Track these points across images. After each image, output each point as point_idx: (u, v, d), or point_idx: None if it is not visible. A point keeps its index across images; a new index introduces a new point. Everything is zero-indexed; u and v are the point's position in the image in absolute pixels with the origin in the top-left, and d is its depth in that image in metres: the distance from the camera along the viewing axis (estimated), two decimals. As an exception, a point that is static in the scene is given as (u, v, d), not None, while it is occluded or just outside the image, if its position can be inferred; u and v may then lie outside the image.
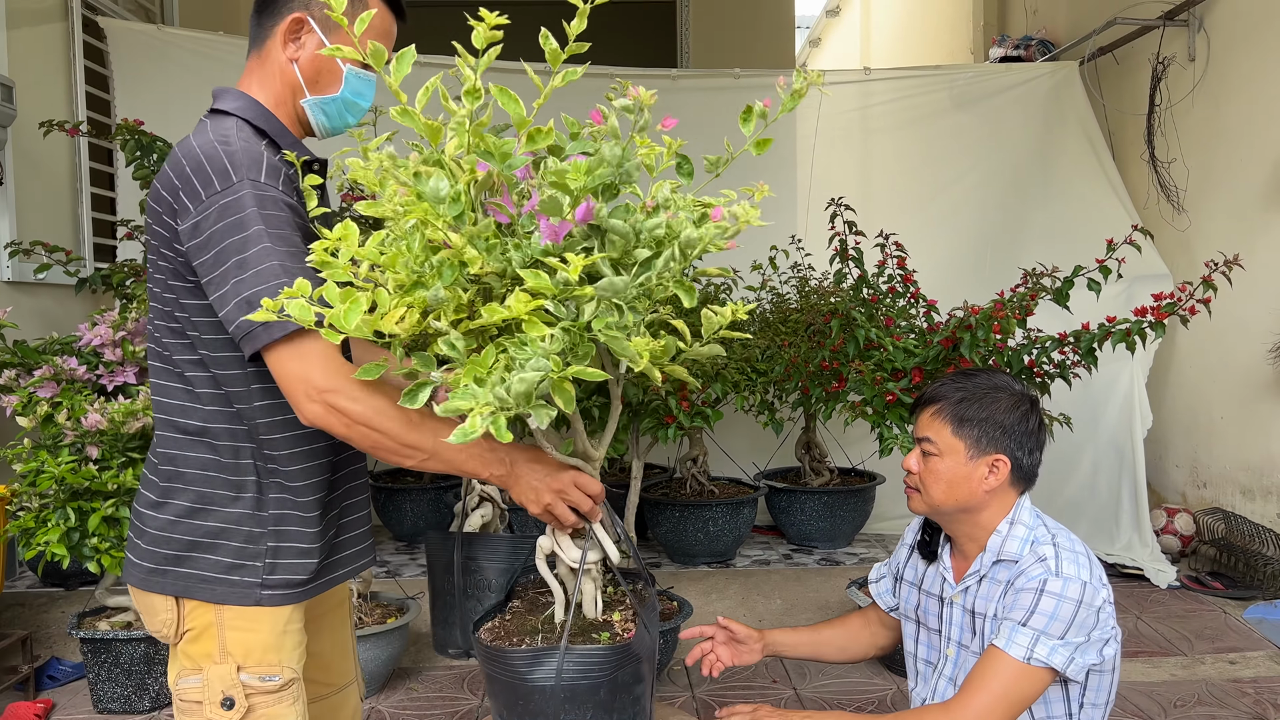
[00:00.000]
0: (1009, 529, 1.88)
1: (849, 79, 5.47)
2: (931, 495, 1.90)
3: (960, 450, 1.86)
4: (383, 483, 4.72)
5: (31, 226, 4.48)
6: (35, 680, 3.25)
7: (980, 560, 1.90)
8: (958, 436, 1.86)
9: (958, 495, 1.87)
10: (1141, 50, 5.00)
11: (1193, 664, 3.39)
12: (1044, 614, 1.74)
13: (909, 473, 1.94)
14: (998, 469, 1.86)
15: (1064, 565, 1.78)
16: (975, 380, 1.92)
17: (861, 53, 10.88)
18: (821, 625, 2.25)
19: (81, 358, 3.82)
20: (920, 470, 1.91)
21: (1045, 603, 1.75)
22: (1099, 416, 4.48)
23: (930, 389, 1.95)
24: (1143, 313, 3.20)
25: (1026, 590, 1.77)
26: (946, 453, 1.87)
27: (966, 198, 5.32)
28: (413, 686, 3.31)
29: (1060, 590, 1.75)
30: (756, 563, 4.29)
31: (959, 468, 1.86)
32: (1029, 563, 1.82)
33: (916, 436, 1.94)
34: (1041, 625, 1.74)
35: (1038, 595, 1.75)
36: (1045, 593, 1.75)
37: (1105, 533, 4.44)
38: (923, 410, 1.94)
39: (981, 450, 1.86)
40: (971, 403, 1.88)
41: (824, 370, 3.62)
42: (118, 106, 5.01)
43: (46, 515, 2.97)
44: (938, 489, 1.88)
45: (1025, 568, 1.81)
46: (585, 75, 1.78)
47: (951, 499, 1.88)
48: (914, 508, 1.96)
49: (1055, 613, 1.74)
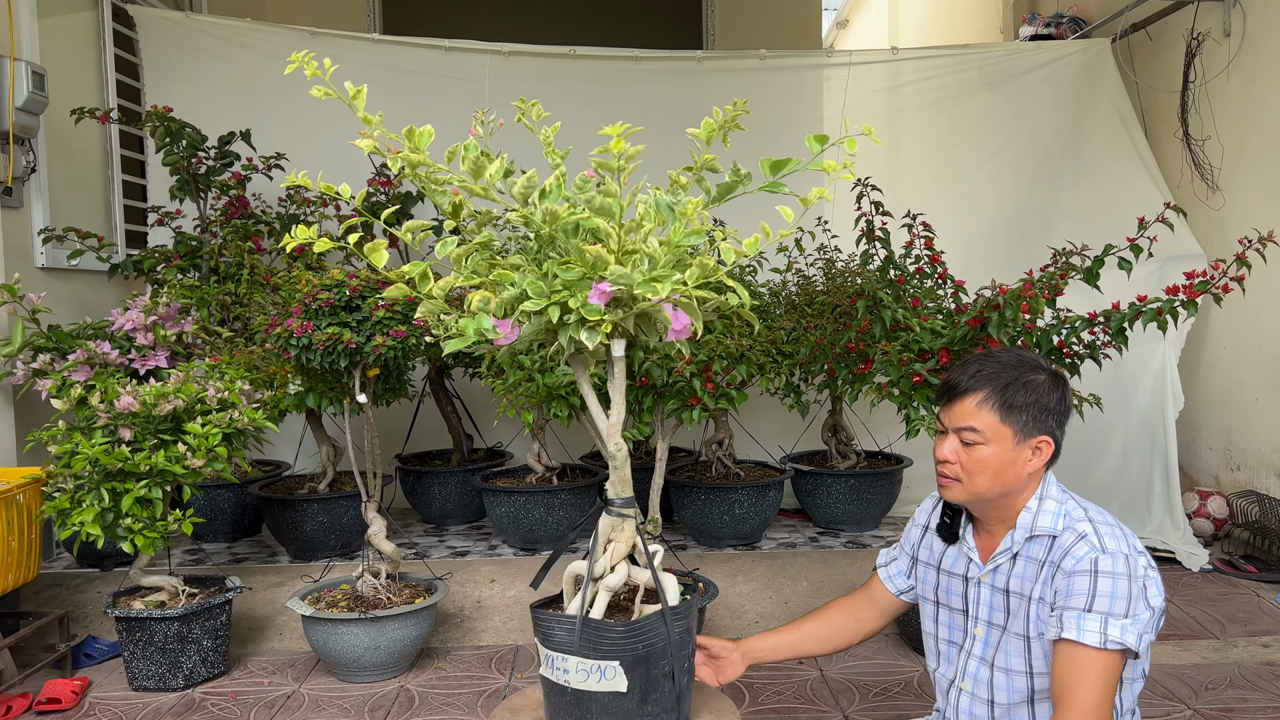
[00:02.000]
0: (1039, 504, 1.86)
1: (877, 59, 5.41)
2: (976, 483, 1.85)
3: (1008, 437, 1.83)
4: (410, 465, 4.75)
5: (64, 213, 4.54)
6: (72, 658, 3.31)
7: (1011, 538, 1.88)
8: (1006, 424, 1.83)
9: (1004, 481, 1.84)
10: (1175, 26, 4.91)
11: (1225, 647, 3.35)
12: (1105, 595, 1.72)
13: (945, 463, 1.88)
14: (1041, 450, 1.84)
15: (1106, 540, 1.77)
16: (1004, 360, 1.88)
17: (890, 33, 10.77)
18: (801, 621, 2.21)
19: (114, 342, 3.88)
20: (962, 459, 1.86)
21: (1103, 584, 1.73)
22: (1130, 398, 4.42)
23: (959, 376, 1.89)
24: (1175, 291, 3.16)
25: (1080, 574, 1.75)
26: (994, 440, 1.83)
27: (996, 178, 5.27)
28: (441, 666, 3.34)
29: (1112, 568, 1.73)
30: (783, 545, 4.29)
31: (1006, 454, 1.83)
32: (1070, 541, 1.79)
33: (956, 426, 1.87)
34: (1106, 607, 1.72)
35: (1093, 577, 1.73)
36: (1099, 573, 1.73)
37: (1136, 515, 4.39)
38: (961, 399, 1.87)
39: (1028, 434, 1.83)
40: (1016, 389, 1.84)
41: (850, 352, 3.60)
42: (147, 93, 5.07)
43: (81, 496, 3.02)
44: (983, 477, 1.84)
45: (1068, 547, 1.78)
46: (610, 58, 1.83)
47: (998, 485, 1.85)
48: (952, 497, 1.91)
49: (1114, 592, 1.72)
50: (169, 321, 3.98)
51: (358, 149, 2.15)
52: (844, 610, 2.21)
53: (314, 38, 5.12)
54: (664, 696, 2.04)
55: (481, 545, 4.36)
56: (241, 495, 4.43)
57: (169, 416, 3.11)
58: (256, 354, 3.60)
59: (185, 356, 3.96)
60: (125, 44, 5.17)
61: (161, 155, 4.40)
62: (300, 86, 5.74)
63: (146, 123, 4.39)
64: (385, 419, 4.68)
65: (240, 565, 4.10)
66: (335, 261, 4.52)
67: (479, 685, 3.17)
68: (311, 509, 4.04)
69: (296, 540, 4.10)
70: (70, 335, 3.89)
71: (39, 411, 4.02)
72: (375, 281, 3.23)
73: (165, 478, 3.05)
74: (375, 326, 3.14)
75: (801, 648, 2.18)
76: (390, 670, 3.22)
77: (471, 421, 5.05)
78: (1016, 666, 1.87)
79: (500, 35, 5.29)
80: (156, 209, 4.65)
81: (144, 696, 3.12)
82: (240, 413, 3.14)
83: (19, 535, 3.11)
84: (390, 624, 3.14)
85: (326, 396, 3.51)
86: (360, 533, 3.96)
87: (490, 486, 4.25)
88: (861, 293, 3.58)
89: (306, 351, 3.12)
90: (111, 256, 4.40)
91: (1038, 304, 3.09)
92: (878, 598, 2.19)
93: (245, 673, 3.31)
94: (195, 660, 3.17)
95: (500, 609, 3.68)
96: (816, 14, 7.99)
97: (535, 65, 5.19)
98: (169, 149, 4.35)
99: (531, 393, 3.30)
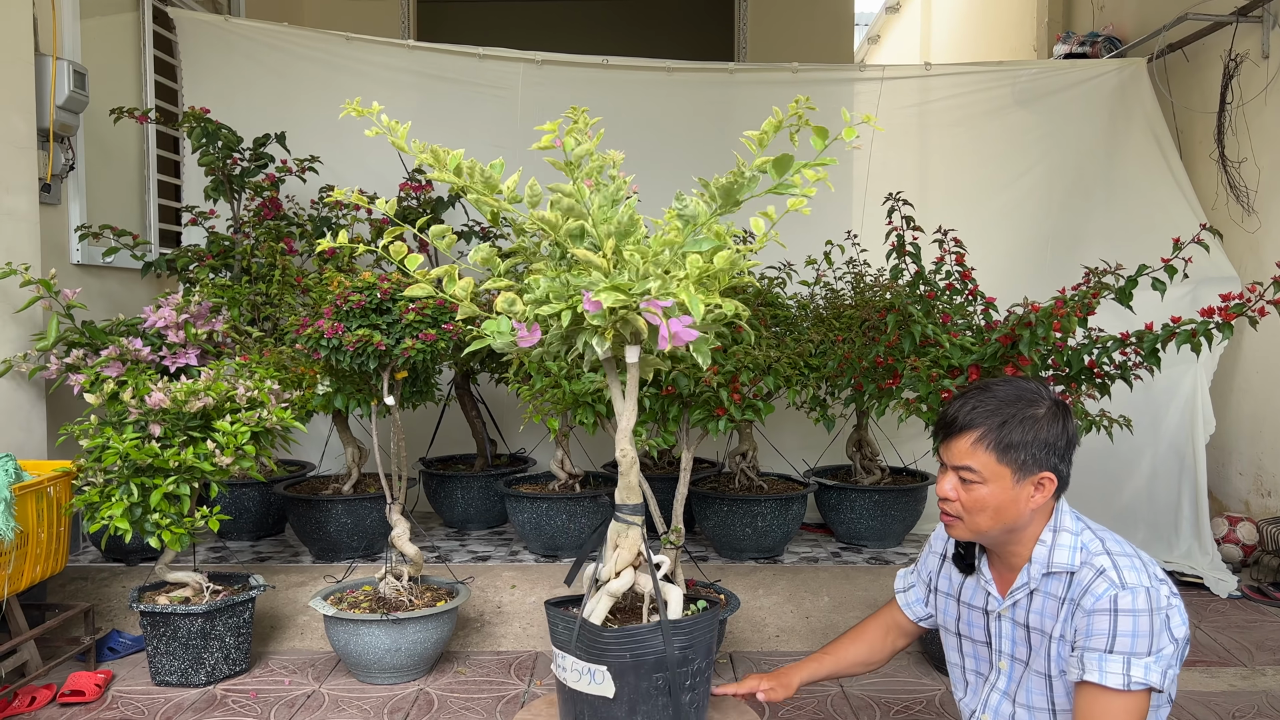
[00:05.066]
0: (1053, 537, 1.81)
1: (909, 74, 5.40)
2: (977, 523, 1.80)
3: (1006, 476, 1.77)
4: (434, 469, 4.77)
5: (101, 211, 4.60)
6: (96, 651, 3.34)
7: (1027, 572, 1.83)
8: (1003, 463, 1.76)
9: (1006, 519, 1.79)
10: (1213, 47, 4.87)
11: (1253, 675, 3.30)
12: (1126, 634, 1.67)
13: (946, 500, 1.83)
14: (1044, 486, 1.78)
15: (1125, 574, 1.71)
16: (1001, 395, 1.81)
17: (921, 50, 10.75)
18: (842, 643, 2.19)
19: (146, 339, 3.92)
20: (961, 498, 1.81)
21: (1123, 623, 1.67)
22: (1159, 420, 4.38)
23: (956, 412, 1.82)
24: (1209, 313, 3.12)
25: (1099, 613, 1.70)
26: (991, 480, 1.77)
27: (1027, 195, 5.24)
28: (460, 670, 3.34)
29: (1132, 605, 1.68)
30: (805, 560, 4.27)
31: (1005, 493, 1.77)
32: (1088, 577, 1.74)
33: (953, 464, 1.81)
34: (1128, 647, 1.67)
35: (1113, 616, 1.68)
36: (1119, 612, 1.68)
37: (1164, 540, 4.34)
38: (957, 438, 1.80)
39: (1028, 472, 1.77)
40: (1013, 426, 1.76)
41: (878, 366, 3.58)
42: (185, 95, 5.13)
43: (110, 490, 3.04)
44: (983, 517, 1.79)
45: (1087, 584, 1.73)
46: (643, 68, 1.87)
47: (999, 523, 1.80)
48: (956, 535, 1.86)
49: (1135, 630, 1.67)
50: (200, 320, 4.02)
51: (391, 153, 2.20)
52: (877, 630, 2.19)
53: (349, 43, 5.17)
54: (656, 711, 2.02)
55: (503, 551, 4.36)
56: (266, 494, 4.46)
57: (198, 414, 3.14)
58: (286, 354, 3.63)
59: (215, 355, 4.00)
60: (164, 45, 5.24)
61: (197, 156, 4.45)
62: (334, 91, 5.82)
63: (183, 123, 4.45)
64: (410, 422, 4.70)
65: (263, 564, 4.12)
66: (366, 264, 4.55)
67: (498, 691, 3.17)
68: (335, 510, 4.06)
69: (320, 540, 4.12)
70: (103, 331, 3.93)
71: (71, 406, 4.07)
72: (406, 285, 3.25)
73: (193, 474, 3.07)
74: (405, 329, 3.16)
75: (844, 672, 2.16)
76: (410, 673, 3.23)
77: (495, 427, 5.06)
78: (1039, 704, 1.84)
79: (534, 45, 5.32)
80: (190, 209, 4.70)
81: (166, 691, 3.14)
82: (269, 412, 3.17)
83: (48, 527, 3.14)
84: (411, 626, 3.15)
85: (354, 398, 3.53)
86: (383, 535, 3.97)
87: (513, 492, 4.25)
88: (891, 307, 3.56)
89: (336, 353, 3.14)
90: (145, 255, 4.45)
91: (1070, 322, 3.07)
92: (900, 622, 2.17)
93: (266, 671, 3.33)
94: (217, 657, 3.19)
95: (521, 615, 3.68)
96: (849, 29, 7.99)
97: (568, 74, 5.22)
98: (205, 150, 4.40)
99: (558, 399, 3.30)
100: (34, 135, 3.84)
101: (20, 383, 3.75)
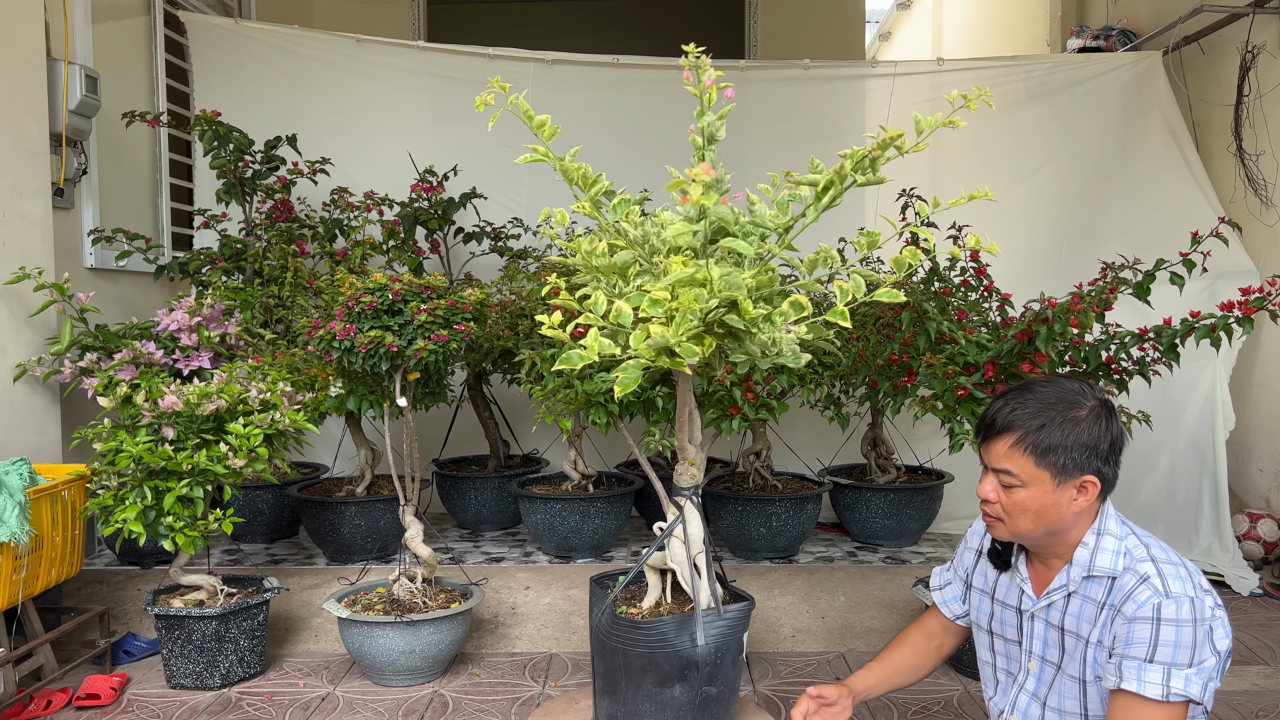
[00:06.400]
0: (1096, 540, 1.77)
1: (921, 70, 5.37)
2: (1018, 525, 1.77)
3: (1046, 479, 1.73)
4: (447, 471, 4.76)
5: (113, 215, 4.61)
6: (112, 655, 3.34)
7: (1067, 574, 1.79)
8: (1042, 467, 1.73)
9: (1046, 522, 1.76)
10: (1229, 39, 4.82)
11: (1275, 673, 3.26)
12: (1168, 644, 1.63)
13: (987, 502, 1.81)
14: (1087, 490, 1.74)
15: (1170, 583, 1.67)
16: (1043, 397, 1.77)
17: (933, 47, 10.69)
18: (890, 652, 2.15)
19: (159, 342, 3.92)
20: (1002, 500, 1.78)
21: (1165, 632, 1.63)
22: (1178, 417, 4.33)
23: (995, 413, 1.79)
24: (1229, 307, 3.08)
25: (1141, 621, 1.66)
26: (1031, 483, 1.74)
27: (1042, 191, 5.19)
28: (475, 672, 3.33)
29: (1175, 615, 1.64)
30: (820, 559, 4.24)
31: (1046, 497, 1.74)
32: (1131, 583, 1.70)
33: (992, 466, 1.79)
34: (1169, 657, 1.63)
35: (1155, 625, 1.64)
36: (1162, 621, 1.64)
37: (1184, 537, 4.29)
38: (996, 440, 1.78)
39: (1069, 475, 1.73)
40: (1052, 428, 1.73)
41: (893, 364, 3.55)
42: (196, 98, 5.14)
43: (124, 494, 3.04)
44: (1024, 520, 1.76)
45: (1130, 590, 1.69)
46: (653, 66, 1.88)
47: (1040, 526, 1.76)
48: (998, 535, 1.83)
49: (1178, 640, 1.63)
50: (213, 323, 4.02)
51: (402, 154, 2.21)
52: (923, 635, 2.15)
53: (360, 44, 5.17)
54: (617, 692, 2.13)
55: (516, 552, 4.35)
56: (280, 496, 4.46)
57: (212, 416, 3.14)
58: (298, 356, 3.63)
59: (228, 358, 4.00)
60: (175, 49, 5.25)
61: (209, 159, 4.46)
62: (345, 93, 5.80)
63: (195, 126, 4.45)
64: (422, 423, 4.70)
65: (277, 566, 4.12)
66: (378, 265, 4.55)
67: (513, 692, 3.16)
68: (349, 511, 4.06)
69: (333, 542, 4.12)
70: (117, 335, 3.94)
71: (85, 409, 4.08)
72: (418, 286, 3.24)
73: (207, 477, 3.07)
74: (417, 330, 3.15)
75: (898, 682, 2.12)
76: (425, 675, 3.22)
77: (508, 427, 5.05)
78: (1070, 709, 1.80)
79: (544, 45, 5.31)
80: (202, 212, 4.71)
81: (181, 694, 3.14)
82: (282, 414, 3.16)
83: (63, 531, 3.15)
84: (426, 628, 3.14)
85: (367, 400, 3.52)
86: (397, 536, 3.97)
87: (526, 493, 4.24)
88: (906, 304, 3.53)
89: (349, 354, 3.14)
90: (158, 258, 4.46)
91: (1087, 318, 3.03)
92: (943, 621, 2.14)
93: (281, 673, 3.33)
94: (232, 660, 3.19)
95: (535, 616, 3.67)
96: (859, 25, 7.96)
97: (578, 74, 5.20)
98: (216, 152, 4.40)
99: (570, 399, 3.29)
100: (47, 140, 3.85)
101: (35, 387, 3.76)
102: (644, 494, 4.56)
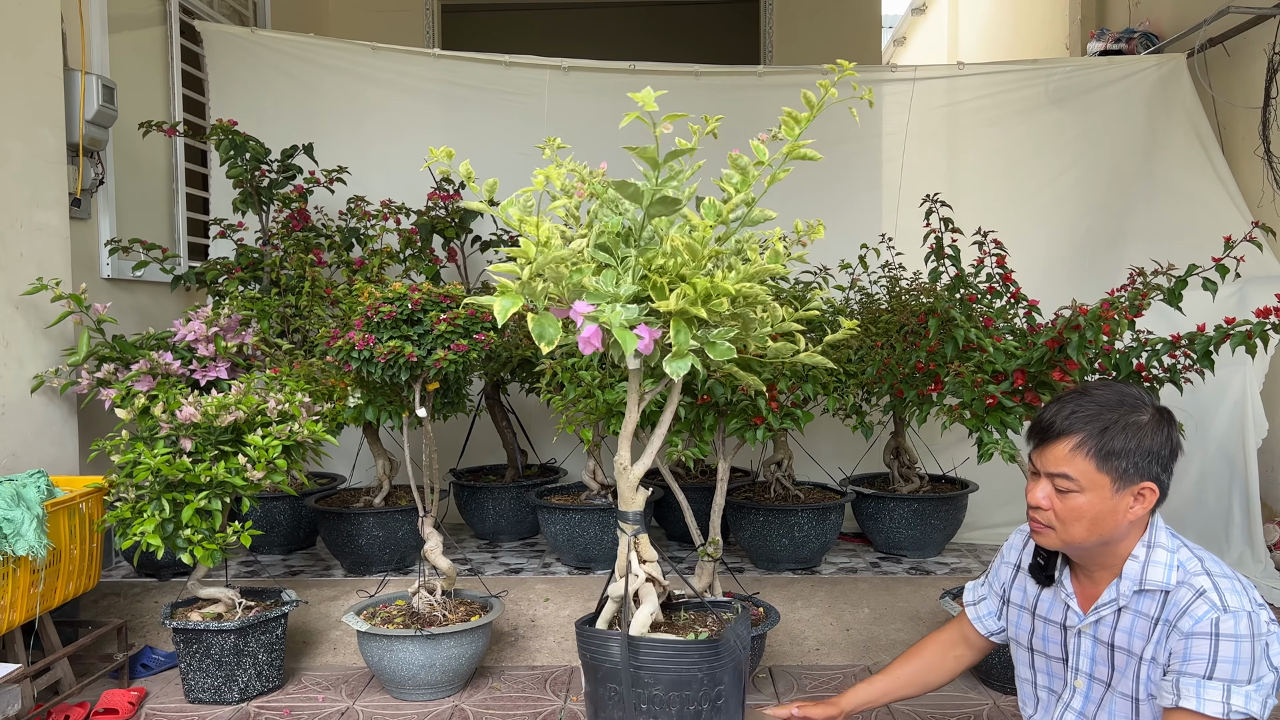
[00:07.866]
0: (1147, 553, 1.72)
1: (940, 74, 5.32)
2: (1071, 533, 1.72)
3: (1105, 485, 1.68)
4: (465, 481, 4.72)
5: (130, 225, 4.60)
6: (129, 668, 3.31)
7: (1116, 588, 1.74)
8: (1103, 471, 1.68)
9: (1102, 530, 1.71)
10: (1255, 41, 4.75)
11: (1315, 688, 3.18)
12: (1227, 661, 1.59)
13: (1038, 509, 1.75)
14: (1144, 497, 1.70)
15: (1227, 597, 1.62)
16: (1101, 400, 1.72)
17: (949, 51, 10.64)
18: (897, 665, 2.10)
19: (176, 353, 3.90)
20: (1055, 506, 1.73)
21: (1225, 648, 1.59)
22: (1208, 424, 4.25)
23: (1053, 416, 1.74)
24: (1265, 313, 3.02)
25: (1199, 636, 1.61)
26: (1089, 489, 1.69)
27: (1064, 196, 5.13)
28: (495, 685, 3.28)
29: (1234, 630, 1.59)
30: (843, 570, 4.18)
31: (1103, 503, 1.69)
32: (1186, 598, 1.65)
33: (1049, 471, 1.73)
34: (1229, 674, 1.59)
35: (1214, 641, 1.60)
36: (1221, 636, 1.60)
37: (1214, 547, 4.21)
38: (1054, 443, 1.73)
39: (1129, 481, 1.68)
40: (1115, 432, 1.68)
41: (919, 372, 3.50)
42: (212, 108, 5.13)
43: (142, 506, 3.02)
44: (1079, 527, 1.71)
45: (1185, 605, 1.65)
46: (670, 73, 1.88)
47: (1095, 534, 1.71)
48: (1046, 544, 1.78)
49: (1237, 656, 1.59)
50: (230, 333, 3.99)
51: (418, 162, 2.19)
52: (938, 648, 2.10)
53: (375, 53, 5.15)
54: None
55: (535, 563, 4.31)
56: (297, 507, 4.43)
57: (229, 428, 3.11)
58: (316, 366, 3.60)
59: (245, 368, 3.97)
60: (191, 59, 5.24)
61: (225, 168, 4.44)
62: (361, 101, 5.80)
63: (211, 136, 4.44)
64: (440, 433, 4.66)
65: (295, 578, 4.09)
66: (395, 275, 4.52)
67: (534, 707, 3.11)
68: (367, 523, 4.02)
69: (351, 554, 4.08)
70: (134, 345, 3.92)
71: (102, 421, 4.06)
72: (437, 295, 3.20)
73: (225, 489, 3.04)
74: (436, 340, 3.12)
75: (900, 694, 2.08)
76: (445, 689, 3.17)
77: (526, 437, 5.01)
78: None
79: (559, 52, 5.28)
80: (219, 221, 4.69)
81: (199, 709, 3.11)
82: (300, 425, 3.13)
83: (81, 544, 3.12)
84: (446, 642, 3.09)
85: (385, 410, 3.49)
86: (415, 547, 3.93)
87: (545, 503, 4.20)
88: (933, 311, 3.48)
89: (368, 364, 3.10)
90: (175, 268, 4.44)
91: (1119, 325, 2.97)
92: (969, 636, 2.08)
93: (299, 687, 3.29)
94: (250, 674, 3.15)
95: (555, 628, 3.62)
96: (876, 30, 7.91)
97: (594, 80, 5.17)
98: (233, 162, 4.39)
99: (591, 409, 3.25)
100: (64, 150, 3.83)
101: (52, 398, 3.74)
102: (664, 504, 4.51)
